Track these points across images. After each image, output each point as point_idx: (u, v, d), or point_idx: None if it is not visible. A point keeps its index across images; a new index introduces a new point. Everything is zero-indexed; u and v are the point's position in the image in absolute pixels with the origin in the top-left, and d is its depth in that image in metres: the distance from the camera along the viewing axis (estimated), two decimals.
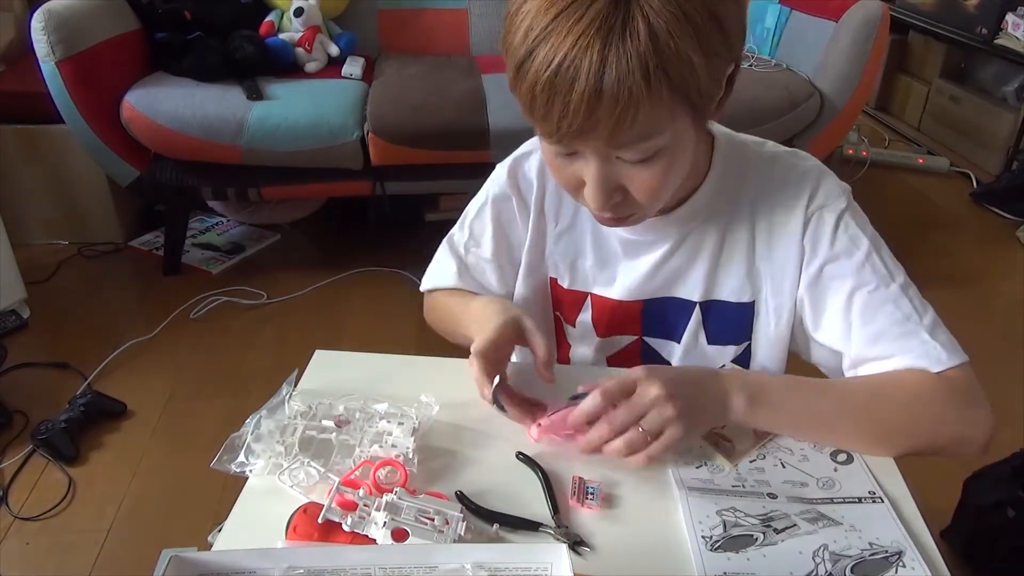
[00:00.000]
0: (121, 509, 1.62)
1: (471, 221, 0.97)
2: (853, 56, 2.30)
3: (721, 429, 0.80)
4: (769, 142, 0.88)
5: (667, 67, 0.61)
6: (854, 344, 0.81)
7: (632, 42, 0.60)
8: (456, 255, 0.98)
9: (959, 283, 2.54)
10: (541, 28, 0.62)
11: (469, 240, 0.97)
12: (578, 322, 0.96)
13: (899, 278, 0.81)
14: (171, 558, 0.52)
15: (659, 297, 0.90)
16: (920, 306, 0.80)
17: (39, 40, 2.01)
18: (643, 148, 0.68)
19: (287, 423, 0.76)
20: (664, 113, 0.65)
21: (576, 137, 0.66)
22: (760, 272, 0.86)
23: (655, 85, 0.62)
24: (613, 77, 0.61)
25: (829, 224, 0.82)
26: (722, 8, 0.64)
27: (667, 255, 0.87)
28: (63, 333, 2.20)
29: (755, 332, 0.89)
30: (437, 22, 2.72)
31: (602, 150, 0.69)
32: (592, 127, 0.64)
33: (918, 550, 0.66)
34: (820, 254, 0.82)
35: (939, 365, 0.76)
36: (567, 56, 0.61)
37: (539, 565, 0.55)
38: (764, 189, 0.85)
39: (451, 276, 0.98)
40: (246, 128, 2.11)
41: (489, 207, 0.95)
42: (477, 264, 0.98)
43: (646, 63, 0.60)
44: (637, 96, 0.62)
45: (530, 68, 0.63)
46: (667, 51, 0.61)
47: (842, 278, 0.81)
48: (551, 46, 0.62)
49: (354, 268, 2.47)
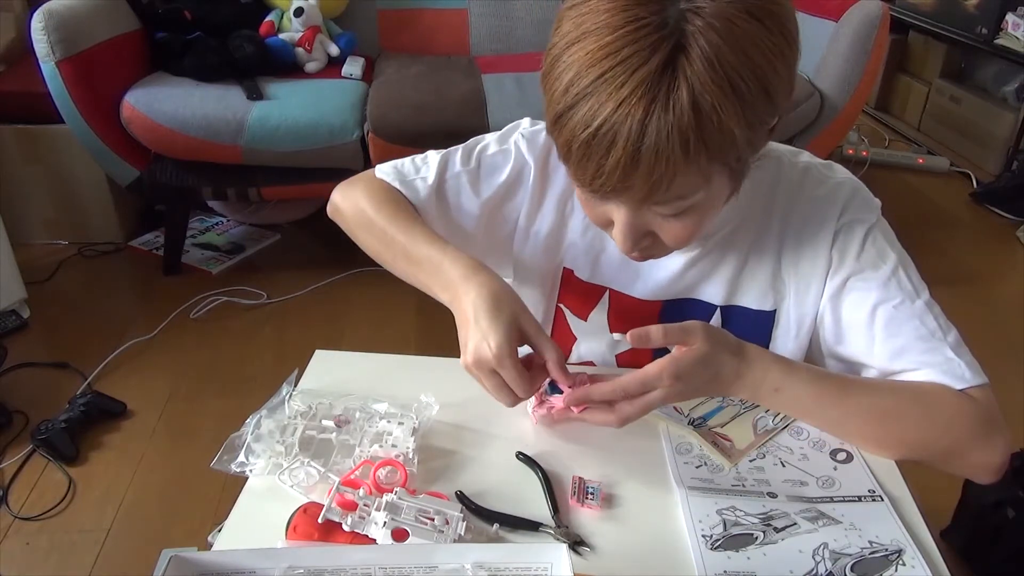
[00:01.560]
0: (121, 509, 1.62)
1: (487, 154, 0.90)
2: (853, 56, 2.30)
3: (721, 428, 0.80)
4: (805, 152, 0.87)
5: (707, 140, 0.60)
6: (877, 357, 0.80)
7: (674, 113, 0.58)
8: (441, 173, 0.89)
9: (959, 283, 2.54)
10: (583, 86, 0.60)
11: (472, 171, 0.89)
12: (591, 318, 0.94)
13: (924, 295, 0.80)
14: (171, 558, 0.52)
15: (681, 299, 0.90)
16: (944, 325, 0.79)
17: (39, 40, 2.01)
18: (675, 206, 0.68)
19: (287, 423, 0.76)
20: (700, 178, 0.65)
21: (609, 194, 0.66)
22: (785, 282, 0.86)
23: (693, 156, 0.61)
24: (651, 147, 0.59)
25: (857, 237, 0.81)
26: (772, 78, 0.61)
27: (695, 259, 0.87)
28: (63, 333, 2.20)
29: (773, 341, 0.89)
30: (437, 22, 2.72)
31: (638, 206, 0.69)
32: (626, 189, 0.64)
33: (918, 549, 0.66)
34: (846, 266, 0.82)
35: (962, 383, 0.76)
36: (607, 120, 0.60)
37: (539, 565, 0.55)
38: (796, 200, 0.84)
39: (423, 188, 0.88)
40: (246, 128, 2.11)
41: (513, 157, 0.89)
42: (457, 195, 0.90)
43: (687, 135, 0.59)
44: (674, 166, 0.61)
45: (567, 123, 0.62)
46: (709, 125, 0.59)
47: (867, 291, 0.81)
48: (591, 107, 0.60)
49: (354, 268, 2.46)
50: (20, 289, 2.20)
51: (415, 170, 0.91)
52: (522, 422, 0.81)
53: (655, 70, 0.58)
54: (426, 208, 0.89)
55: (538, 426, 0.80)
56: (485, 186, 0.90)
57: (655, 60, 0.58)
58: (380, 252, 0.88)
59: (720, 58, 0.58)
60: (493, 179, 0.90)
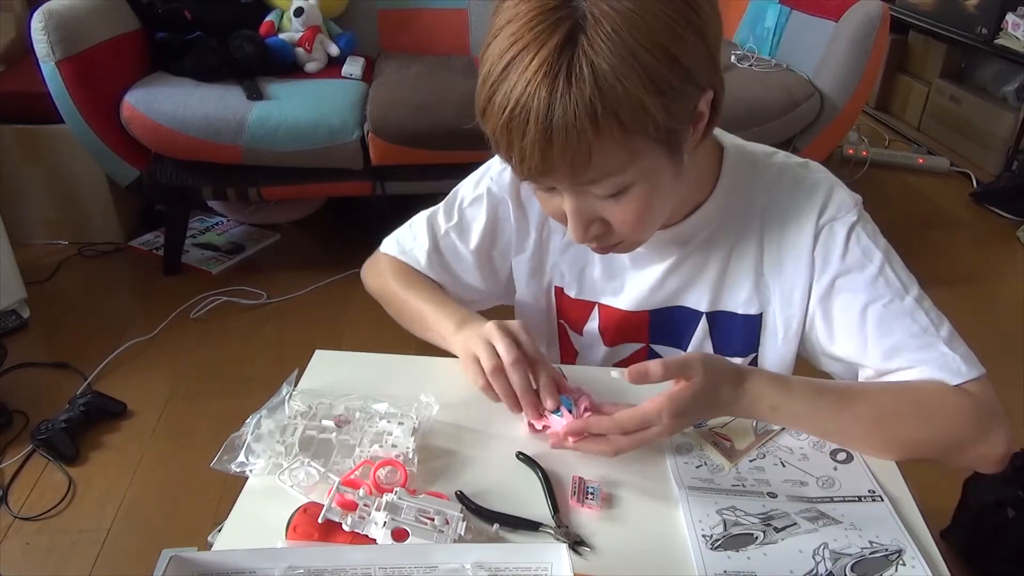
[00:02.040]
0: (121, 509, 1.62)
1: (464, 208, 0.94)
2: (853, 56, 2.30)
3: (721, 428, 0.80)
4: (780, 152, 0.87)
5: (616, 109, 0.61)
6: (871, 358, 0.80)
7: (577, 86, 0.60)
8: (432, 236, 0.95)
9: (959, 283, 2.54)
10: (497, 74, 0.63)
11: (455, 226, 0.94)
12: (585, 331, 0.96)
13: (913, 290, 0.80)
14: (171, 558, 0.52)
15: (667, 307, 0.90)
16: (936, 318, 0.79)
17: (39, 40, 2.01)
18: (609, 184, 0.68)
19: (287, 423, 0.76)
20: (621, 152, 0.65)
21: (539, 176, 0.68)
22: (768, 285, 0.86)
23: (604, 127, 0.62)
24: (560, 122, 0.61)
25: (840, 237, 0.81)
26: (676, 44, 0.62)
27: (674, 266, 0.87)
28: (63, 333, 2.20)
29: (762, 344, 0.89)
30: (437, 22, 2.72)
31: (571, 187, 0.70)
32: (550, 168, 0.65)
33: (918, 549, 0.66)
34: (831, 267, 0.81)
35: (958, 377, 0.76)
36: (518, 102, 0.62)
37: (539, 565, 0.55)
38: (773, 201, 0.84)
39: (422, 255, 0.95)
40: (246, 128, 2.11)
41: (486, 201, 0.93)
42: (452, 250, 0.95)
43: (592, 107, 0.61)
44: (587, 139, 0.62)
45: (489, 112, 0.65)
46: (613, 93, 0.61)
47: (855, 292, 0.80)
48: (504, 92, 0.63)
49: (354, 268, 2.43)
50: (20, 289, 2.20)
51: (412, 238, 0.97)
52: (522, 422, 0.81)
53: (555, 48, 0.60)
54: (430, 271, 0.96)
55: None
56: (470, 236, 0.95)
57: (556, 38, 0.60)
58: (402, 320, 0.97)
59: (616, 30, 0.60)
60: (474, 227, 0.94)
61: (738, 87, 2.35)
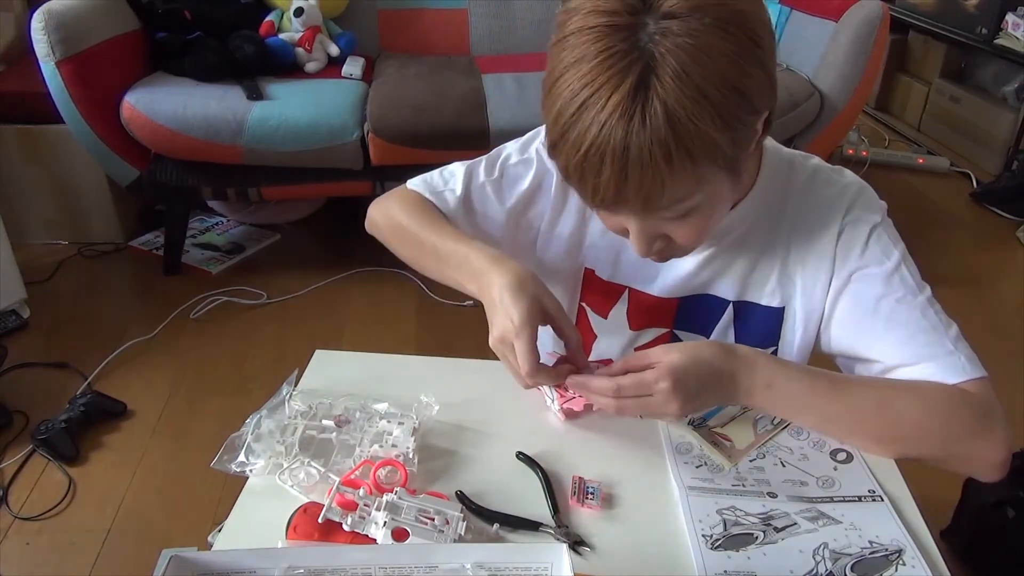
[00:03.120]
0: (121, 509, 1.62)
1: (509, 164, 0.93)
2: (853, 56, 2.30)
3: (721, 428, 0.80)
4: (815, 157, 0.90)
5: (688, 146, 0.64)
6: (879, 350, 0.81)
7: (652, 127, 0.62)
8: (467, 183, 0.93)
9: (959, 283, 2.54)
10: (570, 115, 0.65)
11: (495, 180, 0.92)
12: (611, 315, 0.97)
13: (926, 292, 0.82)
14: (171, 558, 0.52)
15: (696, 295, 0.92)
16: (945, 320, 0.81)
17: (39, 40, 2.01)
18: (677, 209, 0.71)
19: (287, 423, 0.76)
20: (692, 181, 0.68)
21: (612, 207, 0.71)
22: (792, 280, 0.88)
23: (677, 163, 0.64)
24: (636, 161, 0.64)
25: (862, 235, 0.83)
26: (744, 79, 0.65)
27: (710, 258, 0.89)
28: (63, 333, 2.20)
29: (782, 337, 0.90)
30: (437, 22, 2.72)
31: (638, 213, 0.72)
32: (623, 201, 0.68)
33: (918, 549, 0.66)
34: (850, 263, 0.84)
35: (961, 375, 0.77)
36: (593, 143, 0.64)
37: (539, 565, 0.55)
38: (805, 201, 0.86)
39: (452, 198, 0.92)
40: (246, 128, 2.11)
41: (535, 166, 0.92)
42: (484, 203, 0.93)
43: (667, 146, 0.63)
44: (661, 176, 0.65)
45: (562, 150, 0.67)
46: (686, 133, 0.63)
47: (870, 286, 0.82)
48: (578, 133, 0.65)
49: (354, 268, 2.47)
50: (20, 289, 2.20)
51: (443, 182, 0.95)
52: (522, 422, 0.81)
53: (629, 91, 0.63)
54: (455, 217, 0.93)
55: (538, 426, 0.80)
56: (508, 195, 0.93)
57: (628, 82, 0.63)
58: (413, 256, 0.92)
59: (687, 70, 0.62)
60: (516, 188, 0.93)
61: None
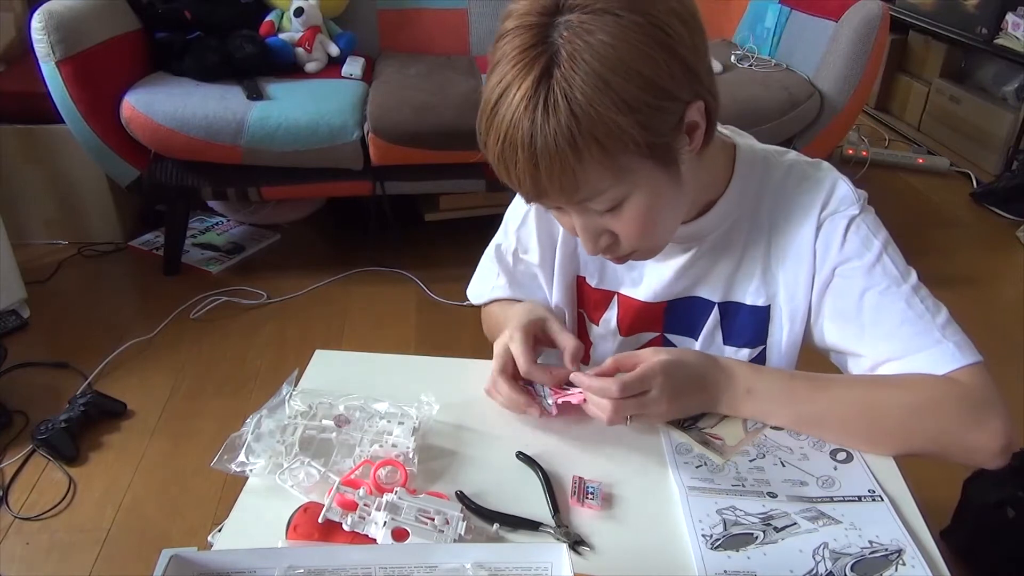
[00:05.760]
0: (121, 509, 1.62)
1: (517, 228, 0.98)
2: (853, 56, 2.30)
3: (711, 428, 0.80)
4: (791, 152, 0.90)
5: (592, 132, 0.65)
6: (867, 344, 0.81)
7: (554, 115, 0.64)
8: (504, 265, 1.00)
9: (959, 283, 2.54)
10: (490, 108, 0.68)
11: (518, 248, 0.99)
12: (602, 321, 0.98)
13: (911, 279, 0.81)
14: (171, 558, 0.52)
15: (683, 297, 0.92)
16: (933, 306, 0.80)
17: (39, 40, 2.01)
18: (604, 200, 0.72)
19: (287, 423, 0.76)
20: (606, 171, 0.69)
21: (537, 199, 0.73)
22: (775, 277, 0.88)
23: (584, 150, 0.66)
24: (543, 150, 0.66)
25: (840, 229, 0.83)
26: (647, 64, 0.65)
27: (693, 259, 0.89)
28: (63, 333, 2.20)
29: (770, 336, 0.90)
30: (437, 22, 2.72)
31: (569, 205, 0.73)
32: (543, 192, 0.70)
33: (918, 549, 0.66)
34: (831, 258, 0.83)
35: (951, 365, 0.76)
36: (506, 134, 0.67)
37: (539, 565, 0.55)
38: (782, 197, 0.86)
39: (502, 286, 1.00)
40: (246, 128, 2.11)
41: (533, 212, 0.96)
42: (527, 272, 0.99)
43: (570, 132, 0.65)
44: (570, 163, 0.66)
45: (487, 143, 0.70)
46: (587, 119, 0.65)
47: (853, 279, 0.82)
48: (495, 126, 0.68)
49: (354, 268, 2.47)
50: (20, 289, 2.20)
51: (489, 279, 1.02)
52: (522, 422, 0.81)
53: (533, 83, 0.65)
54: (514, 295, 1.00)
55: (538, 426, 0.80)
56: (531, 252, 0.98)
57: (532, 74, 0.65)
58: None
59: (586, 59, 0.64)
60: (532, 242, 0.97)
61: (738, 87, 2.35)
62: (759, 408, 0.79)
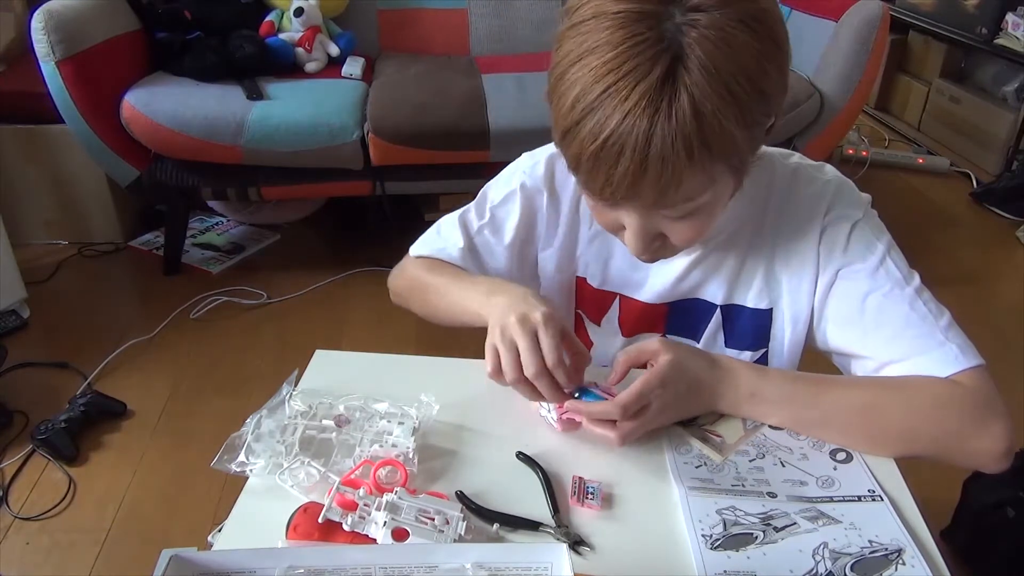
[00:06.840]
0: (121, 509, 1.62)
1: (494, 207, 0.95)
2: (853, 56, 2.30)
3: (710, 425, 0.80)
4: (795, 154, 0.90)
5: (710, 143, 0.63)
6: (870, 347, 0.81)
7: (677, 120, 0.61)
8: (466, 233, 0.95)
9: (959, 283, 2.54)
10: (589, 101, 0.63)
11: (487, 224, 0.95)
12: (604, 322, 0.97)
13: (914, 282, 0.81)
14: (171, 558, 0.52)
15: (684, 299, 0.92)
16: (936, 309, 0.80)
17: (39, 40, 2.01)
18: (683, 208, 0.70)
19: (287, 423, 0.76)
20: (706, 178, 0.67)
21: (622, 201, 0.70)
22: (779, 280, 0.88)
23: (698, 160, 0.64)
24: (657, 154, 0.62)
25: (843, 233, 0.83)
26: (767, 82, 0.65)
27: (696, 261, 0.89)
28: (63, 333, 2.20)
29: (772, 339, 0.90)
30: (437, 22, 2.72)
31: (648, 208, 0.71)
32: (635, 195, 0.67)
33: (918, 549, 0.66)
34: (834, 261, 0.83)
35: (953, 367, 0.76)
36: (614, 132, 0.62)
37: (539, 565, 0.55)
38: (786, 200, 0.86)
39: (455, 251, 0.94)
40: (246, 128, 2.11)
41: (519, 196, 0.93)
42: (486, 247, 0.95)
43: (690, 141, 0.62)
44: (680, 170, 0.64)
45: (576, 137, 0.65)
46: (710, 129, 0.62)
47: (856, 282, 0.82)
48: (597, 120, 0.63)
49: (354, 268, 2.46)
50: (20, 289, 2.20)
51: (443, 240, 0.97)
52: (522, 422, 0.81)
53: (656, 82, 0.61)
54: (464, 267, 0.95)
55: (538, 426, 0.80)
56: (505, 232, 0.94)
57: (656, 72, 0.61)
58: (429, 307, 0.95)
59: (716, 66, 0.61)
60: (509, 223, 0.94)
61: None
62: (761, 411, 0.79)
